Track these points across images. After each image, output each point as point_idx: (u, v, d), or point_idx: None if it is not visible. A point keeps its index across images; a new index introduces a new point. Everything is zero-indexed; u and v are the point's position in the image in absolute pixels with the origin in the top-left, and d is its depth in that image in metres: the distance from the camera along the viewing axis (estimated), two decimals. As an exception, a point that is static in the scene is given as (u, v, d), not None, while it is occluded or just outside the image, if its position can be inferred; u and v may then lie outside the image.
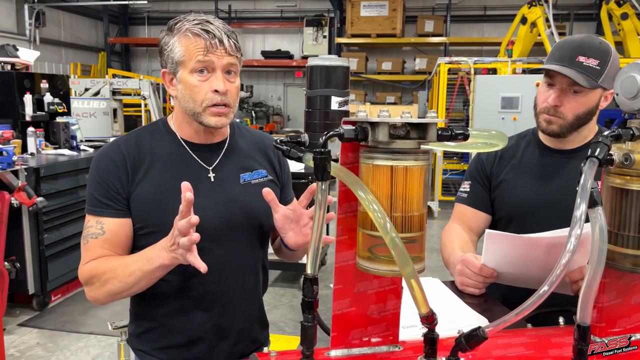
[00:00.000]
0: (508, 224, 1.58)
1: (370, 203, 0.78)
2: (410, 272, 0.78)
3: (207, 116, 1.29)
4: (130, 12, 15.19)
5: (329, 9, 13.27)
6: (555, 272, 0.76)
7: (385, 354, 0.96)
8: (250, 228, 1.41)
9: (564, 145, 1.53)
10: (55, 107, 4.76)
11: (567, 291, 1.37)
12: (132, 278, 1.22)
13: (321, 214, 0.82)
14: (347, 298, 0.93)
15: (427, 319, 0.86)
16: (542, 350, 0.98)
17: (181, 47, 1.27)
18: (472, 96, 7.18)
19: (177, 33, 1.28)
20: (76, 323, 3.83)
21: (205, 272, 1.09)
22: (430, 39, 12.37)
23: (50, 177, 3.98)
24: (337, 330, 0.94)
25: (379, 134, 0.79)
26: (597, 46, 1.42)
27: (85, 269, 1.30)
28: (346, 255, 0.92)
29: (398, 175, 0.81)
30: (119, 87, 11.27)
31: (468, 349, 0.82)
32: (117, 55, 15.13)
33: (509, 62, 7.36)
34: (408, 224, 0.82)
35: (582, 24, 12.25)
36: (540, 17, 8.45)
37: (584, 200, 0.77)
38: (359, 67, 12.31)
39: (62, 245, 4.10)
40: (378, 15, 11.88)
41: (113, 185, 1.31)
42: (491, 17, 13.13)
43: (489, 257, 1.34)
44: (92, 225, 1.32)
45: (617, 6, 9.18)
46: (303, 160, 0.91)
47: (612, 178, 0.89)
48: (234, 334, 1.41)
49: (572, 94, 1.43)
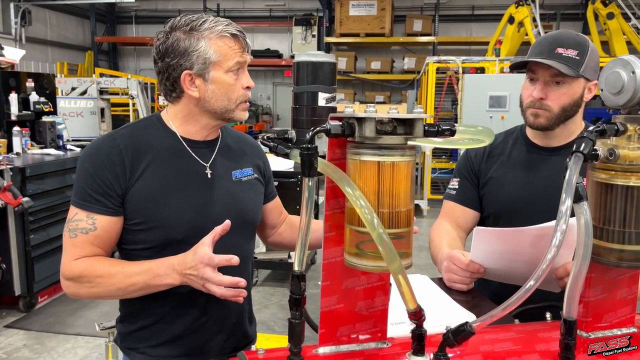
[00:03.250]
0: (497, 221, 1.58)
1: (357, 199, 0.78)
2: (397, 267, 0.78)
3: (238, 112, 1.36)
4: (118, 11, 15.08)
5: (318, 8, 13.27)
6: (541, 267, 0.77)
7: (374, 351, 0.95)
8: (243, 223, 1.43)
9: (550, 142, 1.54)
10: (41, 107, 4.70)
11: (553, 288, 1.38)
12: (132, 288, 1.24)
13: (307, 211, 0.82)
14: (335, 295, 0.93)
15: (414, 314, 0.86)
16: (529, 345, 0.98)
17: (217, 47, 1.28)
18: (460, 95, 7.22)
19: (208, 34, 1.28)
20: (63, 324, 3.80)
21: (237, 264, 1.14)
22: (419, 39, 12.42)
23: (36, 177, 3.94)
24: (325, 327, 0.94)
25: (365, 130, 0.79)
26: (574, 38, 1.45)
27: (75, 267, 1.27)
28: (334, 252, 0.91)
29: (385, 170, 0.80)
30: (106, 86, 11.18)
31: (456, 344, 0.82)
32: (104, 54, 15.02)
33: (497, 62, 7.41)
34: (395, 219, 0.82)
35: (568, 23, 12.36)
36: (528, 16, 8.53)
37: (569, 195, 0.77)
38: (348, 67, 12.32)
39: (48, 246, 4.05)
40: (367, 15, 11.90)
41: (108, 181, 1.28)
42: (479, 16, 13.21)
43: (477, 253, 1.34)
44: (82, 219, 1.29)
45: (603, 6, 9.28)
46: (290, 157, 0.91)
47: (597, 173, 0.89)
48: (228, 327, 1.43)
49: (555, 85, 1.44)
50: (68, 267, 1.29)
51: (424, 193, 7.84)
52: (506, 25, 9.02)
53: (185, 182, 1.35)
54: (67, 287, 1.30)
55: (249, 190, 1.46)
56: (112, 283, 1.24)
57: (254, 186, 1.49)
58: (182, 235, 1.30)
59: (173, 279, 1.19)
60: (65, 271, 1.29)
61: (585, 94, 1.47)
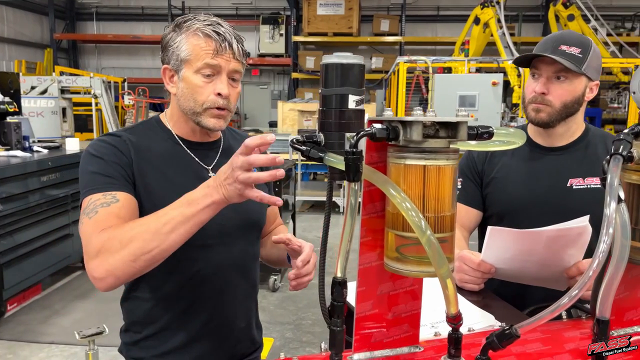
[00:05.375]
0: (500, 221, 1.60)
1: (403, 201, 0.77)
2: (445, 272, 0.77)
3: (206, 117, 1.28)
4: (78, 7, 14.63)
5: (285, 7, 13.21)
6: (587, 274, 0.77)
7: (408, 355, 0.95)
8: (248, 226, 1.42)
9: (553, 142, 1.57)
10: (5, 107, 4.50)
11: (560, 287, 1.41)
12: (169, 226, 1.06)
13: (351, 217, 0.80)
14: (370, 300, 0.92)
15: (454, 318, 0.86)
16: (558, 345, 0.99)
17: (189, 45, 1.25)
18: (430, 94, 7.31)
19: (185, 31, 1.26)
20: (35, 332, 3.65)
21: (281, 204, 1.06)
22: (386, 38, 12.53)
23: (2, 181, 3.77)
24: (359, 333, 0.92)
25: (412, 133, 0.78)
26: (577, 37, 1.50)
27: (99, 237, 1.11)
28: (369, 257, 0.90)
29: (430, 175, 0.79)
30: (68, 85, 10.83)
31: (500, 348, 0.82)
32: (64, 52, 14.55)
33: (466, 62, 7.54)
34: (440, 224, 0.81)
35: (530, 25, 12.71)
36: (493, 17, 8.72)
37: (613, 198, 0.78)
38: (316, 66, 12.32)
39: (16, 252, 3.88)
40: (334, 14, 11.93)
41: (120, 167, 1.24)
42: (444, 17, 13.42)
43: (489, 253, 1.35)
44: (99, 198, 1.18)
45: (563, 8, 9.58)
46: (324, 161, 0.89)
47: (629, 174, 0.91)
48: (235, 333, 1.41)
49: (557, 80, 1.48)
50: (91, 245, 1.12)
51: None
52: (472, 25, 9.21)
53: (189, 184, 1.31)
54: (96, 269, 1.10)
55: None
56: (145, 230, 1.07)
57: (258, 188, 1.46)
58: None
59: (211, 196, 1.04)
60: (89, 250, 1.12)
61: (587, 94, 1.50)
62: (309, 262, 1.29)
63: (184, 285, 1.33)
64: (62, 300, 4.25)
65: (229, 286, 1.38)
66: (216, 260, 1.34)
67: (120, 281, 1.12)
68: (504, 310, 1.34)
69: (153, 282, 1.33)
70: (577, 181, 1.52)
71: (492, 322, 1.21)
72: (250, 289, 1.47)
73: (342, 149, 0.88)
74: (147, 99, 11.26)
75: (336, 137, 0.90)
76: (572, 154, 1.55)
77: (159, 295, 1.34)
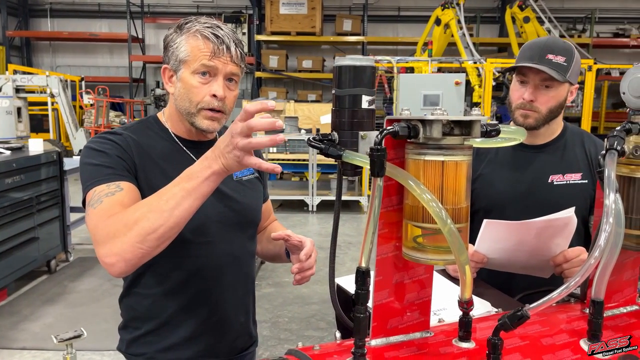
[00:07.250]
0: (487, 215, 1.68)
1: (423, 192, 0.83)
2: (465, 259, 0.84)
3: (200, 118, 1.30)
4: (31, 4, 14.15)
5: (247, 6, 13.17)
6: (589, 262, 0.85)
7: (421, 340, 1.00)
8: (245, 223, 1.45)
9: (535, 140, 1.66)
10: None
11: (543, 274, 1.51)
12: (172, 202, 1.06)
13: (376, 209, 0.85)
14: (386, 289, 0.97)
15: (467, 303, 0.93)
16: (555, 326, 1.07)
17: (188, 46, 1.27)
18: (395, 94, 7.45)
19: (186, 32, 1.28)
20: (5, 338, 3.55)
21: (280, 171, 1.06)
22: (349, 38, 12.66)
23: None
24: (377, 320, 0.97)
25: (433, 131, 0.84)
26: (562, 45, 1.58)
27: (105, 225, 1.12)
28: (386, 248, 0.95)
29: (449, 169, 0.86)
30: (23, 84, 10.46)
31: (512, 328, 0.89)
32: (16, 50, 14.04)
33: (429, 62, 7.72)
34: (457, 215, 0.87)
35: (487, 26, 13.10)
36: (453, 19, 8.96)
37: (612, 190, 0.86)
38: (279, 65, 12.33)
39: (-19, 256, 3.78)
40: (297, 14, 11.96)
41: (122, 159, 1.26)
42: (405, 17, 13.67)
43: (482, 244, 1.43)
44: (103, 189, 1.19)
45: (519, 10, 9.92)
46: (343, 158, 0.94)
47: (620, 167, 0.99)
48: (236, 327, 1.45)
49: (544, 89, 1.56)
50: (98, 233, 1.13)
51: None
52: (433, 26, 9.43)
53: None
54: (106, 256, 1.10)
55: (249, 190, 1.48)
56: (149, 209, 1.08)
57: (254, 185, 1.51)
58: (185, 235, 1.27)
59: (210, 167, 1.05)
60: (97, 238, 1.12)
61: (568, 97, 1.60)
62: (310, 257, 1.34)
63: (185, 280, 1.35)
64: (30, 305, 4.14)
65: (229, 282, 1.41)
66: (216, 257, 1.38)
67: (130, 265, 1.11)
68: (497, 297, 1.42)
69: (154, 277, 1.35)
70: (558, 177, 1.62)
71: (489, 308, 1.28)
72: (249, 284, 1.51)
73: (355, 146, 0.93)
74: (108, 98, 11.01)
75: (349, 135, 0.95)
76: (553, 152, 1.65)
77: (160, 290, 1.35)
